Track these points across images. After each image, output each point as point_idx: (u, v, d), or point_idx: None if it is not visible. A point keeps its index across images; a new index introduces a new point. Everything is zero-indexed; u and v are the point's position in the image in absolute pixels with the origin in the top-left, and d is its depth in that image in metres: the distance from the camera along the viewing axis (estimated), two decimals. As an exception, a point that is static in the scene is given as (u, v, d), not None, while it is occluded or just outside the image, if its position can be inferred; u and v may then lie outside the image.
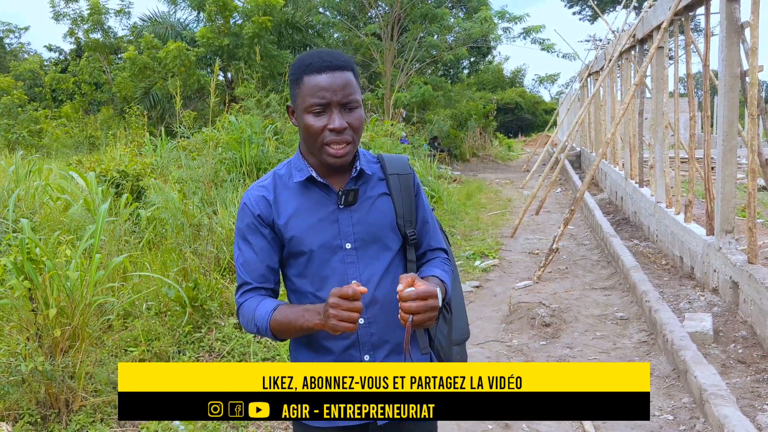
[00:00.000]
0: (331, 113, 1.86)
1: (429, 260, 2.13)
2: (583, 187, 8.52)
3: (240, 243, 1.99)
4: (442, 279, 1.99)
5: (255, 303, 1.94)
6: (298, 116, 1.93)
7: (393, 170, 2.06)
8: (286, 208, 1.96)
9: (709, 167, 6.99)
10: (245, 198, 1.99)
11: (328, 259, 1.95)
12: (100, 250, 5.21)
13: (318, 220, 1.94)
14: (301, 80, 1.88)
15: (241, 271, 1.98)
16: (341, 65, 1.88)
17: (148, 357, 4.72)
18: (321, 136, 1.87)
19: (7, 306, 4.37)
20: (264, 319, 1.89)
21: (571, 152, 20.83)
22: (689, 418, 4.14)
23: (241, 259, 1.98)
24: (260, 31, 17.68)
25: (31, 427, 3.85)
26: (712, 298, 6.18)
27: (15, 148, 16.98)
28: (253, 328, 1.93)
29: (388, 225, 2.01)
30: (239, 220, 2.00)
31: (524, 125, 47.31)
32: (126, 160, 8.77)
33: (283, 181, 1.99)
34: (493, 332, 6.01)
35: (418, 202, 2.10)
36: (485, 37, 22.43)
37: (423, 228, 2.12)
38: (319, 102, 1.85)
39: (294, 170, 1.99)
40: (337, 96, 1.86)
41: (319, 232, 1.94)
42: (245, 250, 1.97)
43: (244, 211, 1.98)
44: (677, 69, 9.29)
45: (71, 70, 26.56)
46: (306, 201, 1.96)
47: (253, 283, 1.97)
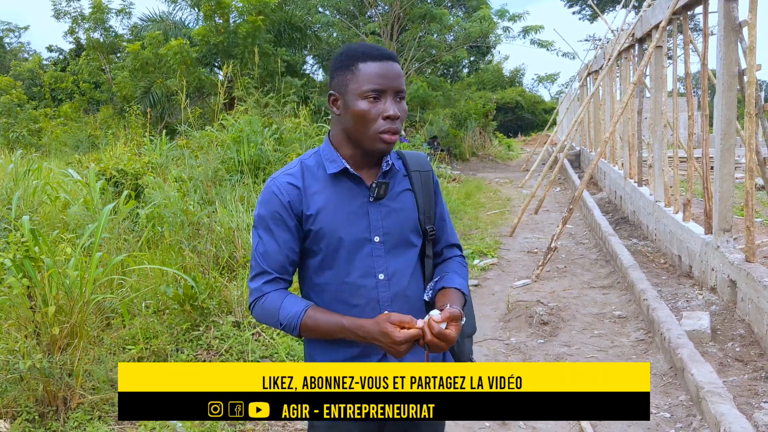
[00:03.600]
0: (386, 101, 1.88)
1: (446, 258, 2.17)
2: (581, 185, 8.52)
3: (261, 231, 1.96)
4: (463, 291, 2.03)
5: (279, 299, 1.93)
6: (346, 102, 1.90)
7: (415, 167, 2.09)
8: (316, 199, 1.94)
9: (708, 166, 7.00)
10: (272, 185, 1.95)
11: (356, 251, 1.95)
12: (100, 249, 5.21)
13: (349, 212, 1.94)
14: (355, 66, 1.87)
15: (261, 260, 1.95)
16: (394, 57, 1.92)
17: (146, 355, 4.72)
18: (376, 123, 1.88)
19: (5, 304, 4.37)
20: (295, 319, 1.89)
21: (571, 151, 20.83)
22: (686, 415, 4.15)
23: (262, 248, 1.95)
24: (254, 30, 17.66)
25: (29, 424, 3.84)
26: (710, 296, 6.19)
27: (14, 147, 16.96)
28: (274, 322, 1.92)
29: (412, 221, 2.03)
30: (263, 206, 1.95)
31: (524, 124, 47.31)
32: (125, 158, 8.77)
33: (312, 171, 1.97)
34: (491, 330, 6.02)
35: (437, 198, 2.14)
36: (485, 36, 22.42)
37: (441, 224, 2.16)
38: (377, 88, 1.86)
39: (326, 161, 1.97)
40: (393, 84, 1.88)
41: (351, 225, 1.94)
42: (267, 239, 1.94)
43: (270, 199, 1.93)
44: (676, 68, 9.30)
45: (71, 69, 26.53)
46: (337, 193, 1.95)
47: (274, 273, 1.95)
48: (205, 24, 18.76)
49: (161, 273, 5.64)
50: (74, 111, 24.12)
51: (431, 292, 2.06)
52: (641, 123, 10.44)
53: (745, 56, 5.71)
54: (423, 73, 23.30)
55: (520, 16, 22.63)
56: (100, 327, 4.92)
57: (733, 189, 6.22)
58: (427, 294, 2.06)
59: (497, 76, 46.29)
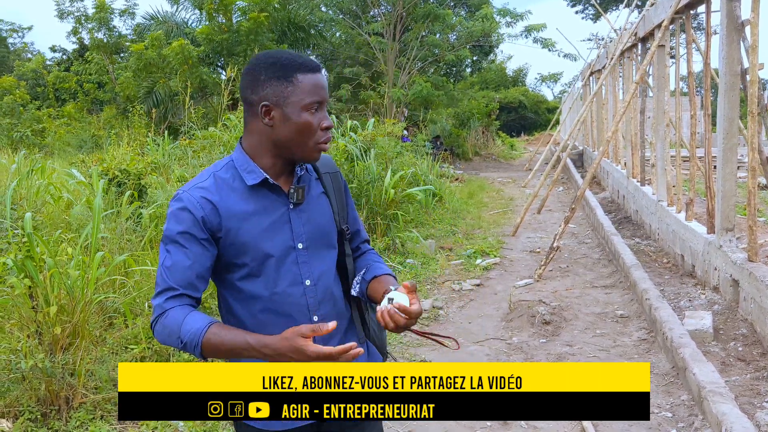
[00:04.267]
0: (322, 112, 1.90)
1: (363, 252, 2.22)
2: (584, 185, 8.52)
3: (170, 246, 1.85)
4: (394, 276, 2.09)
5: (181, 315, 1.81)
6: (286, 114, 1.87)
7: (324, 169, 2.10)
8: (235, 212, 1.88)
9: (710, 165, 6.99)
10: (184, 199, 1.87)
11: (283, 261, 1.93)
12: (102, 249, 5.22)
13: (272, 222, 1.92)
14: (295, 78, 1.86)
15: (167, 275, 1.83)
16: (322, 67, 1.97)
17: (148, 354, 4.73)
18: (317, 135, 1.89)
19: (7, 304, 4.39)
20: (195, 336, 1.77)
21: (574, 151, 20.81)
22: (688, 415, 4.14)
23: (169, 262, 1.84)
24: (257, 27, 17.68)
25: (31, 423, 3.86)
26: (712, 296, 6.18)
27: (18, 147, 17.00)
28: (175, 341, 1.80)
29: (329, 222, 2.05)
30: (174, 221, 1.86)
31: (527, 124, 47.25)
32: (128, 158, 8.78)
33: (228, 184, 1.91)
34: (493, 330, 6.02)
35: (347, 198, 2.18)
36: (487, 35, 22.39)
37: (354, 222, 2.20)
38: (318, 100, 1.87)
39: (243, 172, 1.92)
40: (326, 95, 1.92)
41: (275, 235, 1.92)
42: (177, 254, 1.84)
43: (181, 214, 1.85)
44: (678, 67, 9.28)
45: (74, 69, 26.58)
46: (257, 204, 1.92)
47: (180, 289, 1.84)
48: (208, 23, 18.79)
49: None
50: (77, 111, 24.18)
51: (358, 285, 2.08)
52: (644, 122, 10.42)
53: (748, 55, 5.70)
54: (426, 72, 23.26)
55: (522, 16, 22.60)
56: (102, 327, 4.93)
57: (735, 188, 6.21)
58: (355, 288, 2.08)
59: (500, 75, 46.23)
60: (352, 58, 23.00)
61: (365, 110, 19.33)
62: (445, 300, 6.89)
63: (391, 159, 10.15)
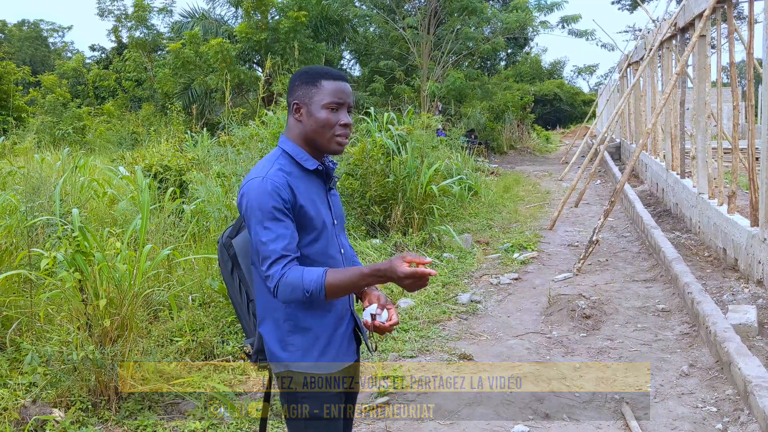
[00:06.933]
0: (342, 112, 2.33)
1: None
2: (623, 178, 8.44)
3: (269, 223, 2.21)
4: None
5: (298, 273, 2.18)
6: (310, 111, 2.31)
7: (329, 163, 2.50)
8: (302, 192, 2.29)
9: (753, 157, 6.86)
10: (272, 182, 2.23)
11: (327, 231, 2.36)
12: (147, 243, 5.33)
13: (321, 201, 2.38)
14: (319, 83, 2.31)
15: (278, 246, 2.19)
16: (347, 79, 2.38)
17: (192, 347, 4.83)
18: (334, 129, 2.31)
19: (58, 297, 4.52)
20: (318, 284, 2.16)
21: (611, 144, 20.57)
22: (733, 410, 4.11)
23: (273, 236, 2.20)
24: (296, 26, 17.81)
25: (82, 413, 3.97)
26: (756, 290, 6.09)
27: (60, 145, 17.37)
28: (300, 293, 2.16)
29: (342, 209, 2.55)
30: (268, 200, 2.21)
31: (562, 117, 46.73)
32: (169, 155, 8.93)
33: (290, 171, 2.31)
34: (533, 324, 6.01)
35: None
36: (522, 27, 22.21)
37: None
38: (337, 101, 2.30)
39: (301, 161, 2.34)
40: (348, 99, 2.34)
41: (323, 212, 2.36)
42: (277, 228, 2.21)
43: (273, 194, 2.21)
44: (720, 58, 9.14)
45: (113, 67, 27.04)
46: (312, 186, 2.36)
47: (291, 254, 2.21)
48: (246, 21, 18.95)
49: (206, 267, 5.75)
50: (117, 108, 24.60)
51: None
52: (684, 114, 10.27)
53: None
54: (460, 66, 23.14)
55: (558, 5, 22.37)
56: (147, 319, 5.04)
57: (780, 180, 6.10)
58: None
59: (535, 68, 45.76)
60: (387, 53, 22.98)
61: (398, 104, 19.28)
62: (483, 294, 6.90)
63: (427, 153, 10.14)
